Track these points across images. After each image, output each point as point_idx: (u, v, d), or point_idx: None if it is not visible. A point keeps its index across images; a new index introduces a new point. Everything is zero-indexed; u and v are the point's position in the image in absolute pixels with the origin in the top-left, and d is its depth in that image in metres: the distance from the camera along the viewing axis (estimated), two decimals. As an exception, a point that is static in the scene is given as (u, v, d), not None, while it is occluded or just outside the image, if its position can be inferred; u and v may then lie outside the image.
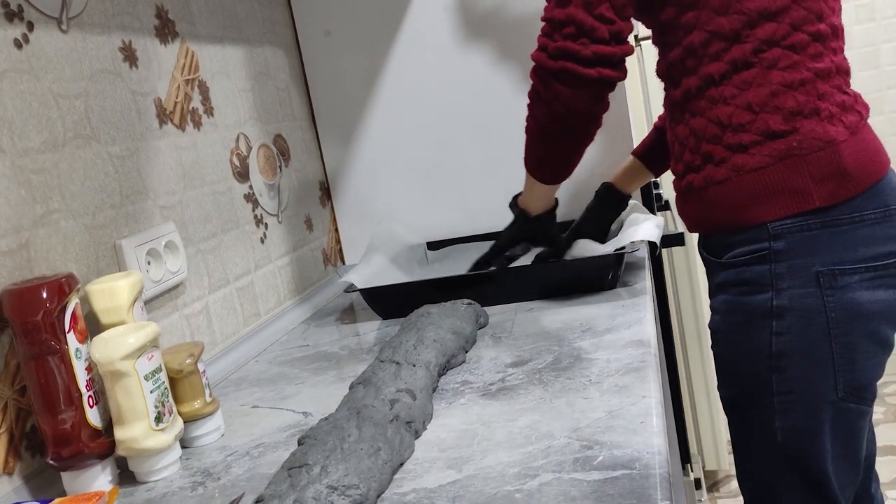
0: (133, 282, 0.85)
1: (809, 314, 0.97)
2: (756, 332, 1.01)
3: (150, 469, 0.79)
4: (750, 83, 0.96)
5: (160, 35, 1.12)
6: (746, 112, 0.96)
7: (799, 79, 0.95)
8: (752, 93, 0.96)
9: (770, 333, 0.99)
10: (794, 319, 0.98)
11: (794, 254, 0.97)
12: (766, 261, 0.98)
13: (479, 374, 0.92)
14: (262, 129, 1.39)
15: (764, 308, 0.99)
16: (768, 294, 0.99)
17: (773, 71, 0.95)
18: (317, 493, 0.62)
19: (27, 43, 0.86)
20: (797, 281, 0.97)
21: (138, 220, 1.01)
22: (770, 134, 0.96)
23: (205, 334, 1.13)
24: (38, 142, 0.86)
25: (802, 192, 0.95)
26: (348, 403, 0.78)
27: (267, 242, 1.34)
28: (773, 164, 0.95)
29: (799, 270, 0.97)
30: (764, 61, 0.96)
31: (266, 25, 1.47)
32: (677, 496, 0.80)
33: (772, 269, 0.98)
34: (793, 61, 0.95)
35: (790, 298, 0.98)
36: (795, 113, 0.95)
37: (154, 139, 1.07)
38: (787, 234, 0.96)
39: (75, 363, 0.76)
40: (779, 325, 0.99)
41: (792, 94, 0.95)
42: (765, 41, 0.95)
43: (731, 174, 0.98)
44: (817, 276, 0.96)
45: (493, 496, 0.63)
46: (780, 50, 0.95)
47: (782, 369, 1.00)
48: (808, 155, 0.95)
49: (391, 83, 1.58)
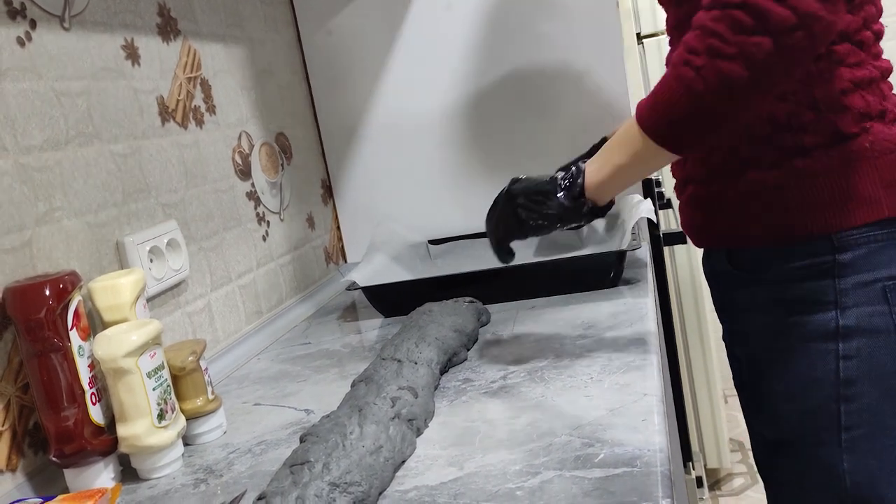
0: (135, 279, 0.85)
1: (878, 335, 0.87)
2: (818, 358, 0.88)
3: (152, 466, 0.79)
4: (816, 78, 0.85)
5: (162, 33, 1.12)
6: (810, 111, 0.86)
7: (868, 77, 0.86)
8: (819, 89, 0.85)
9: (836, 358, 0.87)
10: (863, 341, 0.87)
11: (861, 267, 0.87)
12: (828, 275, 0.87)
13: (480, 372, 0.92)
14: (264, 127, 1.39)
15: (827, 329, 0.87)
16: (831, 313, 0.87)
17: (842, 67, 0.86)
18: (319, 491, 0.62)
19: (30, 41, 0.87)
20: (864, 298, 0.87)
21: (141, 218, 1.01)
22: (839, 136, 0.86)
23: (207, 332, 1.13)
24: (41, 140, 0.86)
25: (872, 199, 0.85)
26: (350, 401, 0.79)
27: (269, 240, 1.35)
28: (840, 169, 0.86)
29: (866, 286, 0.87)
30: (834, 55, 0.85)
31: (268, 23, 1.47)
32: (679, 494, 0.80)
33: (836, 284, 0.87)
34: (860, 58, 0.86)
35: (857, 317, 0.87)
36: (865, 114, 0.86)
37: (156, 137, 1.07)
38: (854, 246, 0.86)
39: (78, 360, 0.77)
40: (846, 348, 0.87)
41: (860, 94, 0.86)
42: (840, 33, 0.85)
43: (790, 179, 0.87)
44: (884, 292, 0.86)
45: (494, 494, 0.63)
46: (850, 45, 0.86)
47: (851, 399, 0.87)
48: (878, 158, 0.85)
49: (393, 81, 1.58)
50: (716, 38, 0.72)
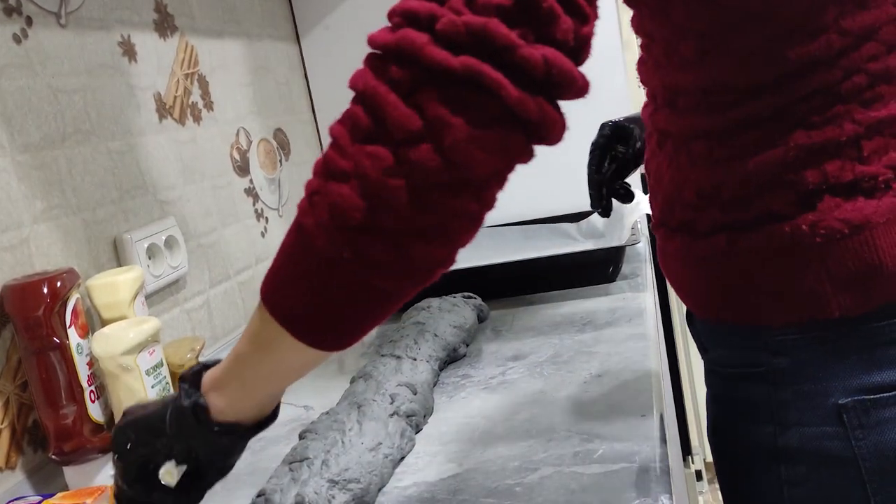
0: (134, 277, 0.85)
1: (831, 462, 0.65)
2: (764, 476, 0.69)
3: (151, 463, 0.79)
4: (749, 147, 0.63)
5: (159, 29, 1.12)
6: (739, 188, 0.64)
7: (835, 139, 0.61)
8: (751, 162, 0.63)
9: (779, 481, 0.67)
10: (812, 467, 0.66)
11: (805, 376, 0.64)
12: (761, 381, 0.66)
13: (479, 368, 0.92)
14: (262, 123, 1.39)
15: (766, 445, 0.67)
16: (769, 427, 0.67)
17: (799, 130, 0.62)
18: (318, 487, 0.62)
19: (26, 38, 0.86)
20: (809, 415, 0.65)
21: (138, 215, 1.01)
22: (771, 216, 0.63)
23: (206, 329, 1.13)
24: (38, 137, 0.86)
25: (816, 294, 0.62)
26: (349, 397, 0.79)
27: (268, 237, 1.35)
28: (774, 254, 0.63)
29: (811, 400, 0.64)
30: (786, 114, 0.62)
31: (265, 19, 1.47)
32: (677, 489, 0.80)
33: (771, 393, 0.66)
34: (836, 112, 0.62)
35: (801, 439, 0.65)
36: (814, 190, 0.61)
37: (154, 134, 1.07)
38: (793, 349, 0.64)
39: (76, 358, 0.76)
40: (790, 474, 0.67)
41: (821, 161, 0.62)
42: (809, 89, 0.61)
43: (716, 254, 0.65)
44: (838, 410, 0.63)
45: (493, 490, 0.63)
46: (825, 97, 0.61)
47: None
48: (825, 246, 0.61)
49: (391, 76, 1.57)
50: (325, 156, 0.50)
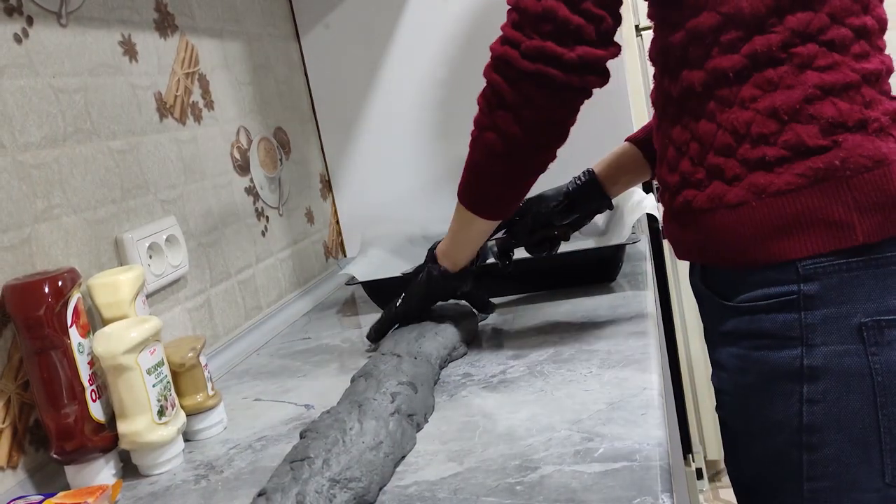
0: (135, 276, 0.85)
1: (850, 377, 0.76)
2: (780, 399, 0.79)
3: (153, 462, 0.79)
4: (777, 84, 0.75)
5: (160, 29, 1.12)
6: (771, 120, 0.75)
7: (842, 82, 0.75)
8: (779, 96, 0.75)
9: (800, 401, 0.77)
10: (831, 384, 0.76)
11: (831, 300, 0.75)
12: (793, 308, 0.76)
13: (480, 367, 0.92)
14: (262, 122, 1.39)
15: (791, 368, 0.77)
16: (796, 350, 0.77)
17: (808, 71, 0.75)
18: (319, 487, 0.63)
19: (27, 38, 0.86)
20: (835, 335, 0.76)
21: (139, 215, 1.01)
22: (803, 149, 0.75)
23: (207, 328, 1.13)
24: (39, 137, 0.86)
25: (843, 224, 0.74)
26: (350, 396, 0.79)
27: (268, 235, 1.35)
28: (806, 187, 0.74)
29: (837, 322, 0.75)
30: (795, 58, 0.75)
31: (265, 18, 1.47)
32: (678, 487, 0.80)
33: (802, 318, 0.76)
34: (833, 61, 0.75)
35: (826, 357, 0.76)
36: (837, 124, 0.74)
37: (154, 133, 1.07)
38: (823, 276, 0.75)
39: (78, 358, 0.77)
40: (811, 391, 0.77)
41: (832, 101, 0.75)
42: (798, 33, 0.75)
43: (750, 197, 0.76)
44: (860, 329, 0.75)
45: (494, 489, 0.63)
46: (817, 46, 0.75)
47: (814, 448, 0.78)
48: (852, 177, 0.74)
49: (391, 74, 1.57)
50: (479, 110, 0.86)
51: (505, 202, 0.92)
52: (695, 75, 0.79)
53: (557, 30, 0.78)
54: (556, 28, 0.78)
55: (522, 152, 0.85)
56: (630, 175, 1.04)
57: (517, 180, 0.89)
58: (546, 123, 0.83)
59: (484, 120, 0.85)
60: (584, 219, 1.07)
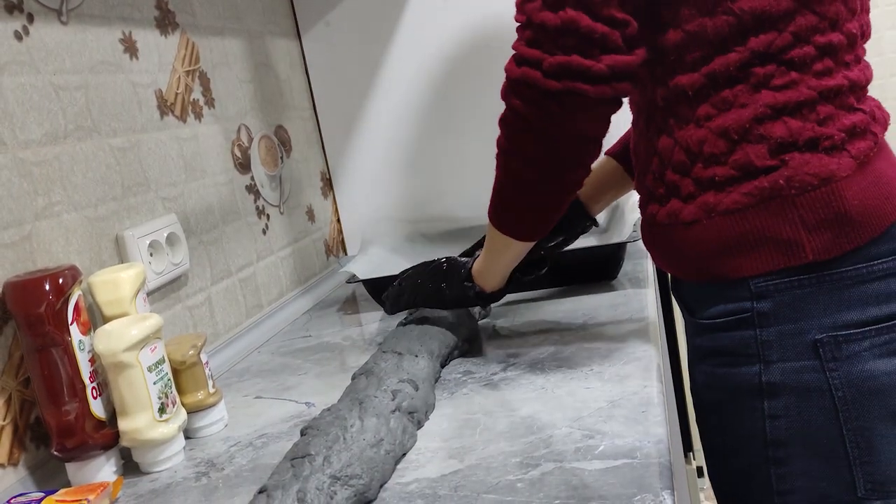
0: (135, 273, 0.85)
1: (809, 393, 0.76)
2: (746, 414, 0.80)
3: (153, 460, 0.79)
4: (731, 103, 0.75)
5: (160, 26, 1.12)
6: (722, 139, 0.75)
7: (795, 100, 0.74)
8: (731, 115, 0.75)
9: (762, 416, 0.78)
10: (791, 399, 0.77)
11: (785, 317, 0.76)
12: (748, 325, 0.78)
13: (481, 365, 0.92)
14: (263, 120, 1.39)
15: (751, 384, 0.78)
16: (755, 367, 0.78)
17: (763, 90, 0.75)
18: (320, 484, 0.63)
19: (27, 35, 0.86)
20: (790, 351, 0.76)
21: (140, 212, 1.01)
22: (751, 170, 0.75)
23: (207, 325, 1.13)
24: (40, 134, 0.86)
25: (791, 242, 0.74)
26: (351, 394, 0.79)
27: (269, 233, 1.35)
28: (753, 206, 0.75)
29: (791, 338, 0.76)
30: (752, 77, 0.75)
31: (266, 16, 1.47)
32: (679, 485, 0.80)
33: (757, 335, 0.77)
34: (790, 79, 0.75)
35: (783, 373, 0.77)
36: (787, 144, 0.74)
37: (155, 131, 1.07)
38: (775, 293, 0.76)
39: (78, 355, 0.77)
40: (772, 407, 0.78)
41: (784, 120, 0.74)
42: (758, 54, 0.74)
43: (702, 215, 0.77)
44: (815, 346, 0.75)
45: (494, 486, 0.63)
46: (776, 66, 0.75)
47: (781, 462, 0.79)
48: (798, 196, 0.74)
49: (392, 72, 1.57)
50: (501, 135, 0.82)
51: (543, 224, 0.86)
52: (658, 91, 0.79)
53: (581, 41, 0.73)
54: (580, 40, 0.73)
55: (553, 176, 0.81)
56: (613, 191, 1.03)
57: (553, 203, 0.84)
58: (579, 142, 0.78)
59: (508, 146, 0.81)
60: (568, 241, 1.05)
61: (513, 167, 0.82)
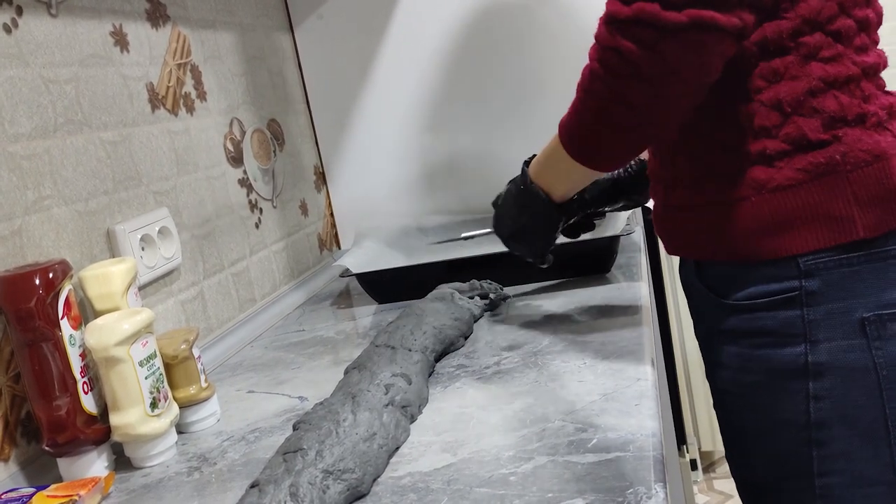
0: (127, 268, 0.85)
1: (854, 372, 0.76)
2: (786, 397, 0.78)
3: (145, 455, 0.79)
4: (781, 75, 0.74)
5: (151, 19, 1.11)
6: (775, 112, 0.74)
7: (845, 75, 0.74)
8: (783, 87, 0.73)
9: (806, 398, 0.77)
10: (836, 379, 0.76)
11: (833, 296, 0.75)
12: (795, 305, 0.76)
13: (474, 358, 0.92)
14: (255, 114, 1.38)
15: (796, 365, 0.77)
16: (800, 347, 0.77)
17: (812, 62, 0.73)
18: (312, 478, 0.62)
19: (16, 28, 0.86)
20: (838, 330, 0.76)
21: (131, 206, 1.01)
22: (804, 143, 0.74)
23: (200, 320, 1.12)
24: (29, 128, 0.85)
25: (844, 218, 0.74)
26: (344, 388, 0.78)
27: (262, 227, 1.34)
28: (807, 183, 0.74)
29: (839, 317, 0.75)
30: (802, 48, 0.73)
31: (259, 9, 1.46)
32: (672, 478, 0.80)
33: (804, 315, 0.76)
34: (836, 52, 0.74)
35: (830, 353, 0.76)
36: (838, 118, 0.73)
37: (146, 124, 1.06)
38: (824, 271, 0.75)
39: (69, 350, 0.76)
40: (817, 388, 0.77)
41: (833, 94, 0.73)
42: (808, 21, 0.73)
43: (750, 192, 0.75)
44: (862, 324, 0.75)
45: (487, 479, 0.63)
46: (823, 35, 0.73)
47: (823, 444, 0.78)
48: (852, 172, 0.73)
49: (386, 66, 1.57)
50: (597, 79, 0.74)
51: (628, 158, 0.84)
52: None
53: None
54: None
55: (659, 123, 0.76)
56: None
57: (644, 145, 0.81)
58: (695, 89, 0.73)
59: (606, 92, 0.73)
60: (626, 207, 1.03)
61: (612, 116, 0.75)
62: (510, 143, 1.53)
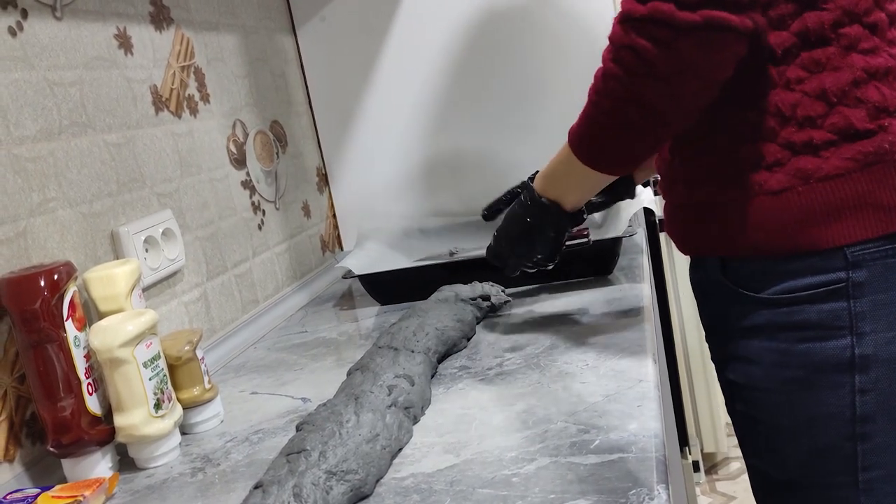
0: (131, 269, 0.85)
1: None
2: (829, 391, 0.77)
3: (149, 455, 0.79)
4: (822, 66, 0.74)
5: (155, 22, 1.11)
6: (820, 102, 0.74)
7: (884, 66, 0.74)
8: (827, 77, 0.73)
9: (852, 392, 0.76)
10: (882, 372, 0.76)
11: (878, 287, 0.75)
12: (841, 296, 0.75)
13: (477, 360, 0.92)
14: (258, 116, 1.38)
15: (841, 358, 0.76)
16: (846, 340, 0.75)
17: (853, 53, 0.74)
18: (315, 479, 0.63)
19: (21, 31, 0.86)
20: (883, 322, 0.75)
21: (135, 208, 1.01)
22: (852, 132, 0.73)
23: (203, 321, 1.13)
24: (34, 130, 0.86)
25: (891, 208, 0.73)
26: (346, 389, 0.79)
27: (265, 229, 1.34)
28: (855, 172, 0.73)
29: (884, 308, 0.75)
30: (843, 39, 0.73)
31: (261, 11, 1.46)
32: (674, 479, 0.80)
33: (851, 306, 0.75)
34: (874, 44, 0.74)
35: (876, 345, 0.75)
36: (881, 108, 0.73)
37: (150, 126, 1.07)
38: (870, 262, 0.74)
39: (74, 351, 0.77)
40: (863, 381, 0.76)
41: (875, 85, 0.74)
42: (847, 12, 0.73)
43: (796, 182, 0.74)
44: None
45: (490, 480, 0.63)
46: (862, 28, 0.74)
47: (868, 437, 0.77)
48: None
49: (388, 67, 1.57)
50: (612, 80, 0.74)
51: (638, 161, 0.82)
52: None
53: None
54: None
55: (670, 123, 0.76)
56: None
57: (658, 145, 0.81)
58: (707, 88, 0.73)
59: (622, 91, 0.74)
60: (606, 204, 1.02)
61: (625, 117, 0.75)
62: (512, 144, 1.53)
